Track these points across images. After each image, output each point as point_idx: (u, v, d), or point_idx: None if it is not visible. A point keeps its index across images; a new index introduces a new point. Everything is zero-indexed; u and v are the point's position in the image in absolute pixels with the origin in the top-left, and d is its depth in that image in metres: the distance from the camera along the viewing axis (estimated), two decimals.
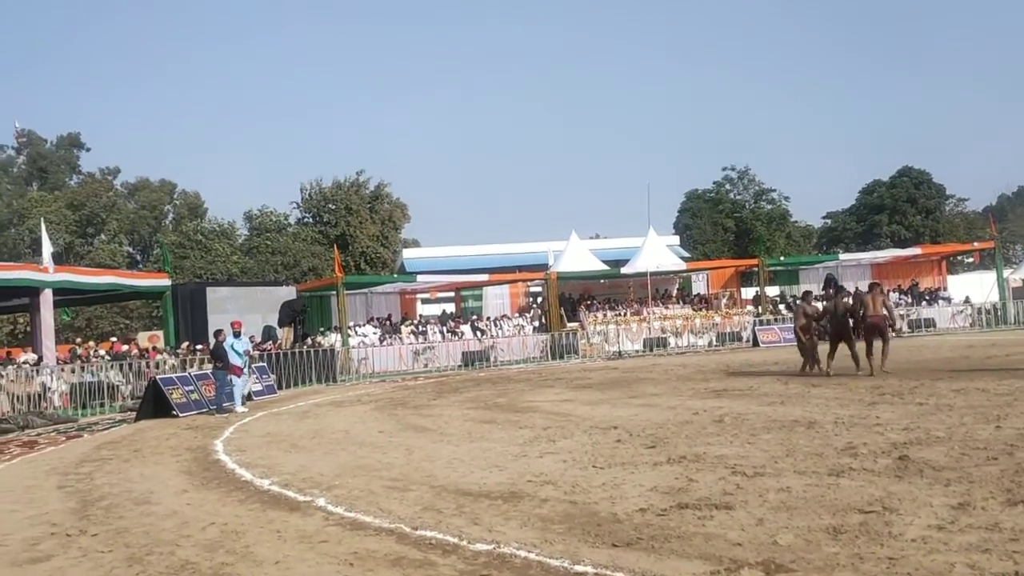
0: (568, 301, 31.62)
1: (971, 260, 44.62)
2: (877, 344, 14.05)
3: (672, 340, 29.15)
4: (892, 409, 9.35)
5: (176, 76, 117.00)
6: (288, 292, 28.52)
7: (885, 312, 14.26)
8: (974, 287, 34.22)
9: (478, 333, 29.04)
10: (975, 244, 39.67)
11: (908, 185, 59.58)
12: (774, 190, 63.98)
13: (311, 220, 54.79)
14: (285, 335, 24.82)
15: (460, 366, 25.82)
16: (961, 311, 31.57)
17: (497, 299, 34.05)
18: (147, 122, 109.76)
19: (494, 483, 6.68)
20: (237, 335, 16.23)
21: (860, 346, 14.35)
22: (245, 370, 16.22)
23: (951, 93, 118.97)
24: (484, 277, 33.04)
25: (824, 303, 15.78)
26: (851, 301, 14.91)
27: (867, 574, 3.86)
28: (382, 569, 4.54)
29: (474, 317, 31.31)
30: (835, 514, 4.92)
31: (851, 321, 14.53)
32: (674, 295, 34.25)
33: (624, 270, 32.02)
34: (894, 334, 15.09)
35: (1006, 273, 33.68)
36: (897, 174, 61.03)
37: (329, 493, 6.75)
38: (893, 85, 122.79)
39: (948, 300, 33.02)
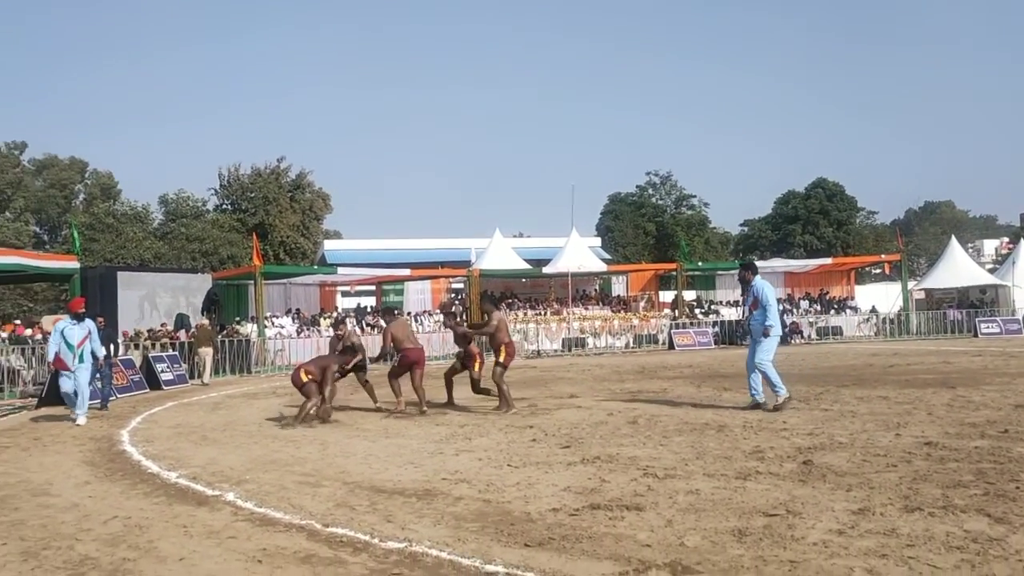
0: (490, 298, 31.66)
1: (879, 271, 46.30)
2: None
3: (590, 341, 29.45)
4: (798, 414, 9.64)
5: (90, 49, 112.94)
6: (204, 280, 27.84)
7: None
8: (880, 297, 35.61)
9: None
10: (883, 256, 41.25)
11: (821, 197, 61.59)
12: (695, 196, 65.62)
13: (229, 207, 53.54)
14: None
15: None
16: (867, 320, 32.80)
17: (419, 294, 33.89)
18: (58, 96, 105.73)
19: (408, 480, 6.65)
20: (78, 319, 12.46)
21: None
22: (85, 366, 12.20)
23: (867, 108, 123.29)
24: (406, 272, 32.83)
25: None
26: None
27: None
28: (291, 567, 4.47)
29: (396, 312, 31.03)
30: (741, 517, 5.05)
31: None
32: (594, 296, 34.63)
33: (546, 270, 32.27)
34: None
35: (910, 285, 35.10)
36: (811, 185, 63.08)
37: (239, 487, 6.61)
38: (811, 98, 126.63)
39: (855, 309, 34.24)
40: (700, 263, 42.62)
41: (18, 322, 25.37)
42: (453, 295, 34.77)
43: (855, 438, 7.77)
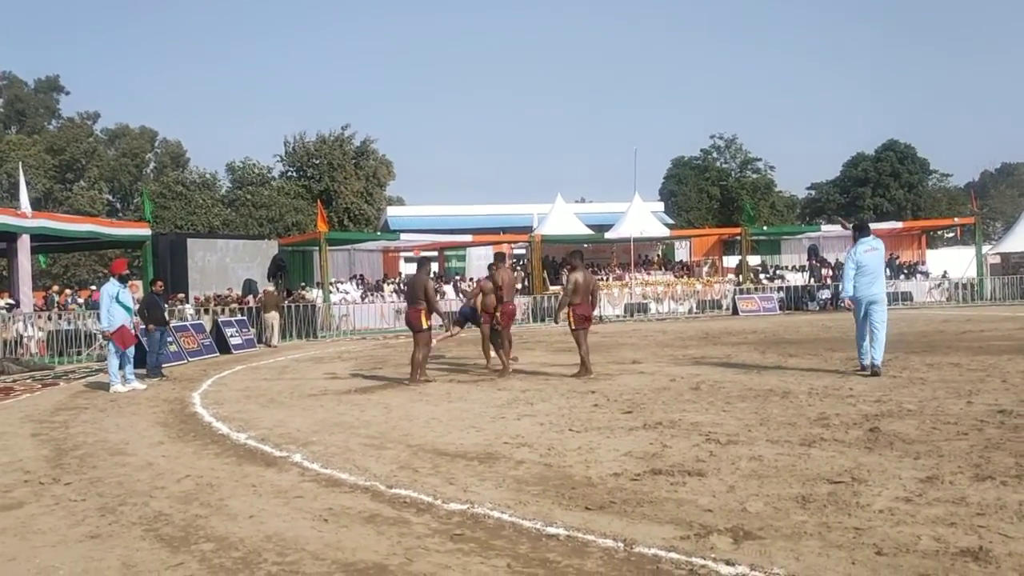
0: (551, 264, 31.63)
1: (951, 235, 44.88)
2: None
3: (653, 306, 29.24)
4: (865, 381, 9.45)
5: (156, 20, 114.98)
6: (270, 246, 28.38)
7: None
8: (952, 262, 34.49)
9: (460, 294, 29.01)
10: (956, 220, 39.92)
11: (892, 159, 59.77)
12: (760, 159, 64.16)
13: (295, 174, 54.30)
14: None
15: (441, 326, 25.78)
16: (938, 285, 31.84)
17: (480, 260, 33.99)
18: (127, 67, 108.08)
19: (471, 444, 6.72)
20: (123, 281, 11.71)
21: None
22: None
23: (940, 68, 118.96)
24: (468, 238, 32.97)
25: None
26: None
27: (834, 543, 3.92)
28: (356, 526, 4.57)
29: (457, 277, 31.26)
30: (805, 483, 4.99)
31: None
32: (656, 261, 34.30)
33: (608, 235, 32.05)
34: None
35: (985, 249, 33.93)
36: (882, 147, 61.24)
37: (305, 449, 6.77)
38: (882, 58, 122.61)
39: (926, 274, 33.28)
40: (765, 227, 41.85)
41: (94, 288, 26.25)
42: (514, 261, 34.84)
43: (924, 406, 7.59)
